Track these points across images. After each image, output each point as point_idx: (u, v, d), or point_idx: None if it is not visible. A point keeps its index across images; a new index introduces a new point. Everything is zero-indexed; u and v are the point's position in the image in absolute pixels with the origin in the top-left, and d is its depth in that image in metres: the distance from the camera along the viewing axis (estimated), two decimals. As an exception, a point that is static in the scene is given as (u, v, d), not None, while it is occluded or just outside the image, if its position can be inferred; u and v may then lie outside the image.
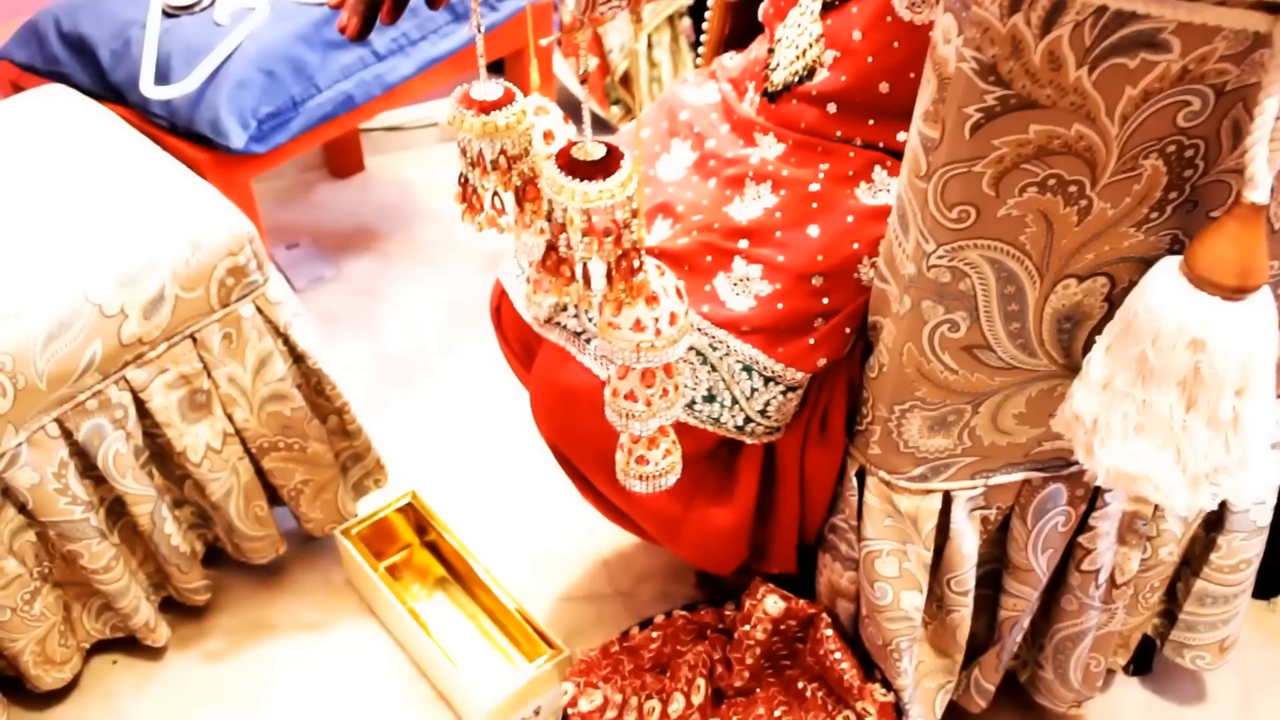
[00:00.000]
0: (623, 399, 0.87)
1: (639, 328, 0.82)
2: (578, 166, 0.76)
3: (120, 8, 1.66)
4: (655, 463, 0.93)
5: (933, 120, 0.79)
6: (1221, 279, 0.78)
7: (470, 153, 0.88)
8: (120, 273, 1.24)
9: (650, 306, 0.82)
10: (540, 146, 0.89)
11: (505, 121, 0.85)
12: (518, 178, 0.90)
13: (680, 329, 0.83)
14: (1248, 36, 0.71)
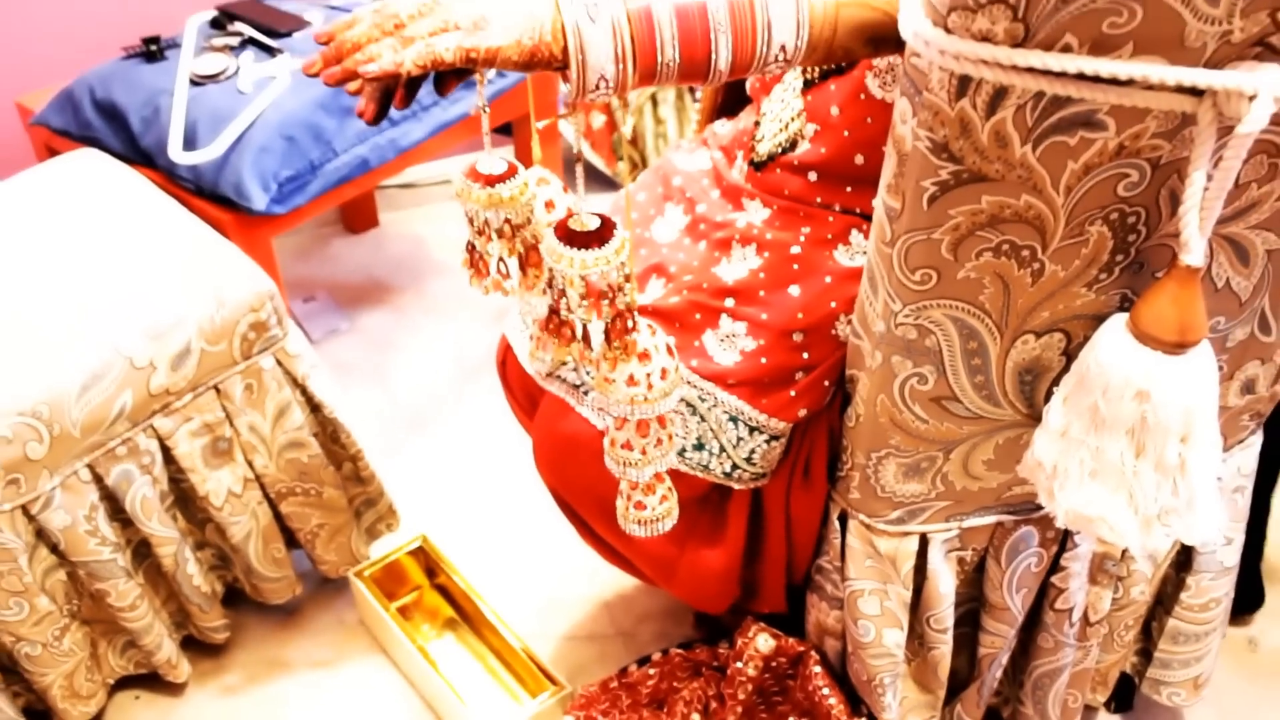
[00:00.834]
0: (620, 448, 0.94)
1: (633, 383, 0.89)
2: (575, 236, 0.83)
3: (150, 77, 1.75)
4: (652, 508, 0.99)
5: (894, 192, 0.86)
6: (1163, 335, 0.85)
7: (477, 222, 0.95)
8: (150, 327, 1.32)
9: (642, 363, 0.88)
10: (541, 215, 0.96)
11: (509, 194, 0.92)
12: (520, 244, 0.97)
13: (671, 383, 0.90)
14: (1176, 116, 0.79)
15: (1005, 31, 0.72)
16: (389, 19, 0.82)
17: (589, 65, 0.81)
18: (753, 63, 0.86)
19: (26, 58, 2.12)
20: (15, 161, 2.06)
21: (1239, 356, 1.05)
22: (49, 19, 2.15)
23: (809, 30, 0.85)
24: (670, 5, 0.82)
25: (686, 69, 0.85)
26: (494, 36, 0.80)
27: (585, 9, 0.80)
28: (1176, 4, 0.71)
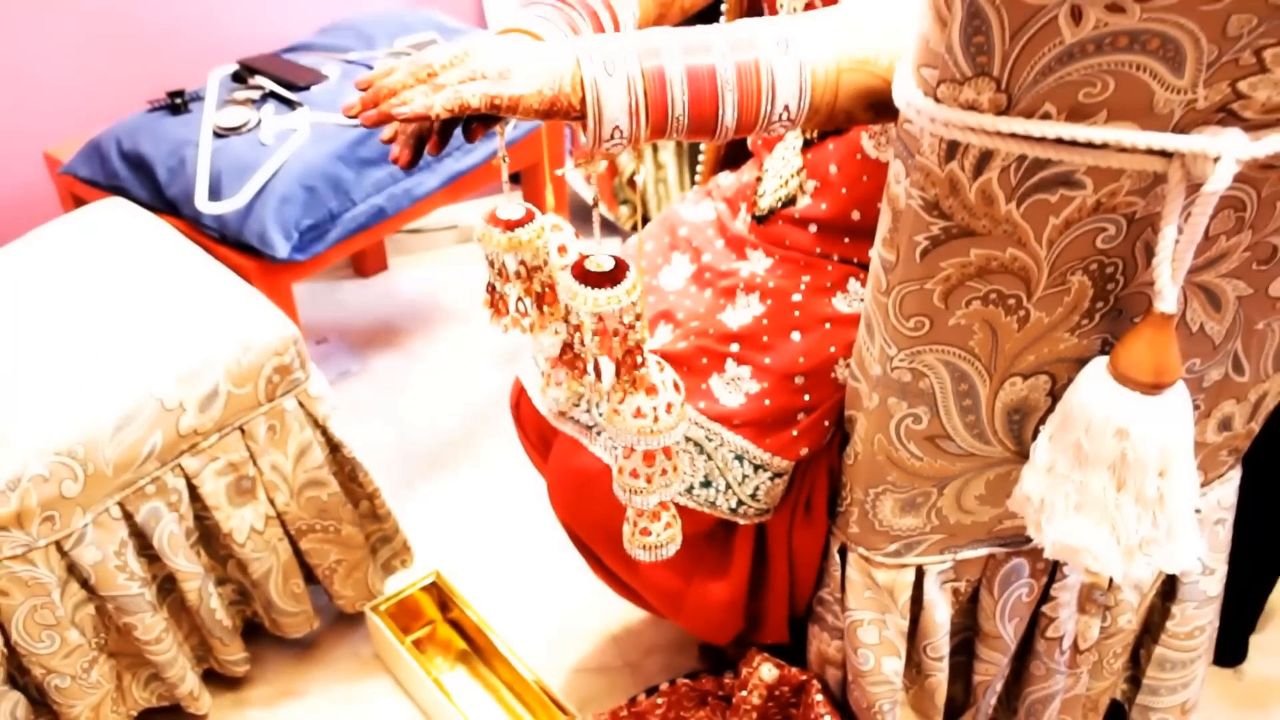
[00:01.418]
0: (628, 476, 1.00)
1: (639, 415, 0.94)
2: (590, 276, 0.89)
3: (175, 129, 1.81)
4: (657, 534, 1.05)
5: (890, 245, 0.93)
6: (1140, 377, 0.91)
7: (496, 264, 1.01)
8: (180, 371, 1.37)
9: (650, 396, 0.94)
10: (555, 259, 1.02)
11: (527, 237, 0.99)
12: (538, 285, 1.03)
13: (676, 417, 0.95)
14: (1149, 175, 0.85)
15: (990, 101, 0.79)
16: (423, 68, 0.88)
17: (604, 118, 0.87)
18: (758, 122, 0.91)
19: (54, 109, 2.19)
20: (42, 210, 2.12)
21: (1215, 396, 1.11)
22: (75, 72, 2.22)
23: (811, 94, 0.91)
24: (682, 65, 0.88)
25: (695, 125, 0.90)
26: (517, 86, 0.85)
27: (603, 65, 0.86)
28: (1145, 76, 0.77)
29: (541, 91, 0.86)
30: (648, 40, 0.88)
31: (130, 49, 2.26)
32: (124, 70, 2.23)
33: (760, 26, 0.91)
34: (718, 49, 0.89)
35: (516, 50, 0.87)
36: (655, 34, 0.89)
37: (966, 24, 0.74)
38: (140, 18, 2.26)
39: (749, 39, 0.90)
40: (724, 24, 0.91)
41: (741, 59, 0.89)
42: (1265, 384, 1.13)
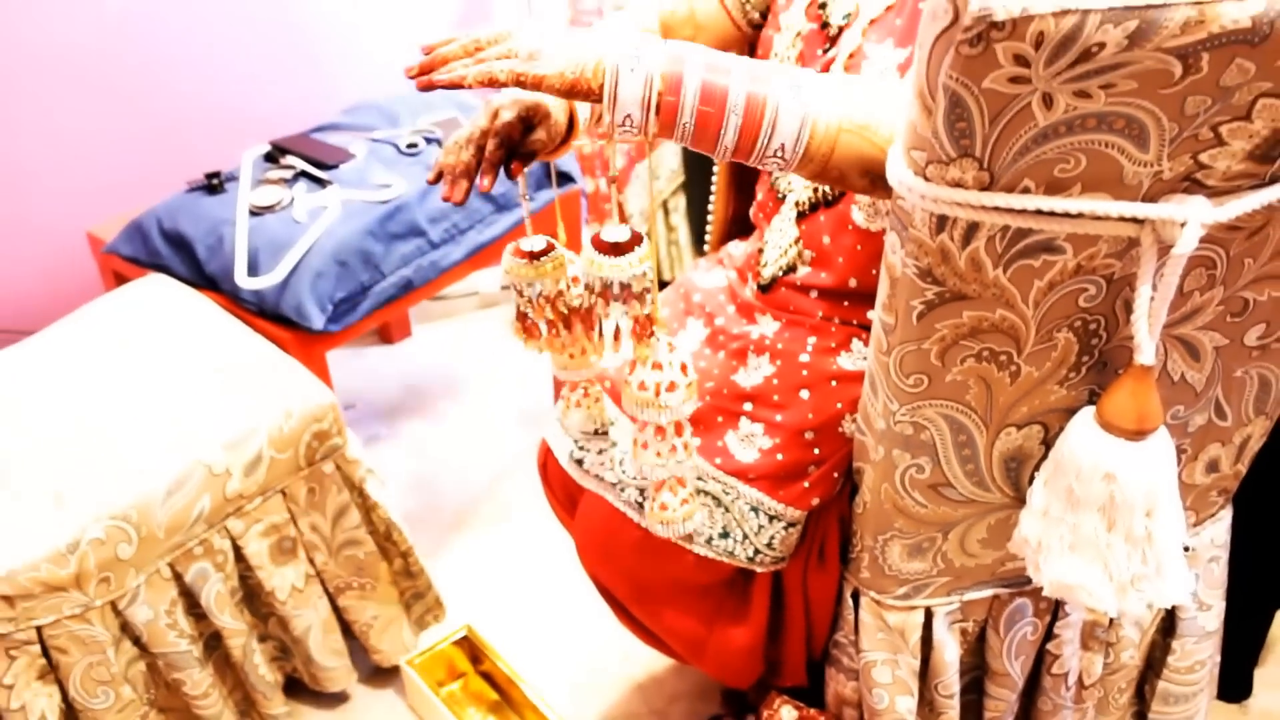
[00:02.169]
0: (640, 448, 1.10)
1: (643, 388, 1.04)
2: (606, 246, 1.00)
3: (213, 208, 1.90)
4: (673, 509, 1.13)
5: (889, 309, 1.00)
6: (1124, 424, 0.97)
7: (524, 292, 1.13)
8: (226, 438, 1.45)
9: (655, 371, 1.04)
10: (570, 294, 1.14)
11: (548, 266, 1.11)
12: (551, 311, 1.14)
13: (678, 396, 1.05)
14: (1123, 240, 0.92)
15: (974, 179, 0.86)
16: (472, 43, 0.97)
17: (619, 104, 0.94)
18: (753, 152, 0.98)
19: (95, 191, 2.28)
20: (86, 287, 2.21)
21: (1200, 440, 1.17)
22: (115, 155, 2.31)
23: (808, 141, 0.97)
24: (700, 78, 0.95)
25: (699, 137, 0.97)
26: (542, 67, 0.94)
27: (627, 57, 0.94)
28: (1113, 152, 0.85)
29: (564, 74, 0.93)
30: (678, 48, 0.96)
31: (167, 131, 2.36)
32: (162, 152, 2.32)
33: (781, 68, 0.99)
34: (737, 74, 0.96)
35: (553, 36, 0.96)
36: (687, 46, 0.97)
37: (949, 112, 0.82)
38: (176, 101, 2.36)
39: (766, 75, 0.97)
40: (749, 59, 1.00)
41: (754, 90, 0.96)
42: (1248, 428, 1.19)
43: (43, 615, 1.32)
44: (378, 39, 2.65)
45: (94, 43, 2.22)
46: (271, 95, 2.46)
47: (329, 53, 2.57)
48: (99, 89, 2.26)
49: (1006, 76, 0.79)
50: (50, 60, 2.19)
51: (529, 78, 0.94)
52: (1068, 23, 0.76)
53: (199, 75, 2.38)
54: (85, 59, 2.22)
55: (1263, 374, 1.13)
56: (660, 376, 1.04)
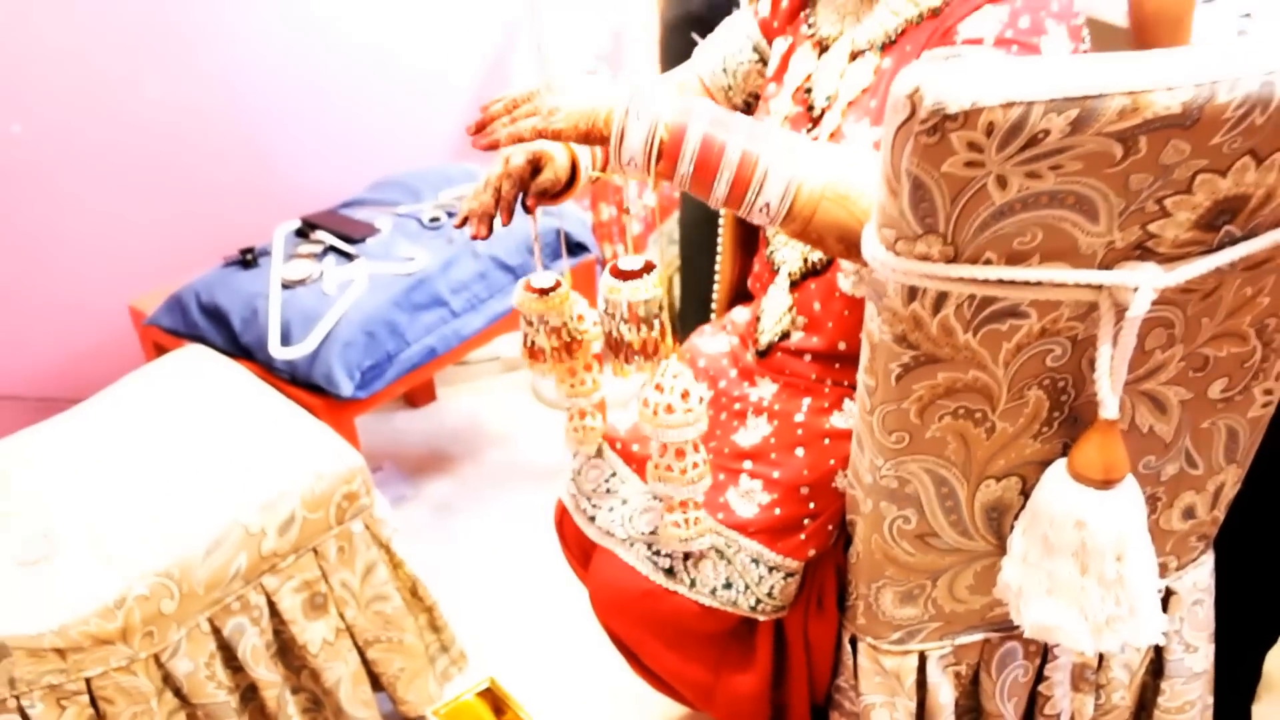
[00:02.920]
0: (653, 466, 1.22)
1: (646, 405, 1.16)
2: (622, 274, 1.12)
3: (248, 282, 2.00)
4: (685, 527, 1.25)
5: (870, 372, 1.07)
6: (1093, 475, 1.04)
7: (535, 322, 1.28)
8: (261, 499, 1.53)
9: (658, 393, 1.15)
10: (574, 324, 1.28)
11: (555, 299, 1.26)
12: (556, 339, 1.29)
13: (676, 420, 1.15)
14: (1083, 304, 0.99)
15: (940, 252, 0.93)
16: (511, 102, 1.10)
17: (624, 149, 1.06)
18: (742, 205, 1.08)
19: (136, 267, 2.38)
20: (128, 357, 2.30)
21: (1174, 488, 1.23)
22: (154, 232, 2.42)
23: (791, 203, 1.06)
24: (701, 132, 1.05)
25: (695, 185, 1.07)
26: (559, 121, 1.06)
27: (635, 108, 1.05)
28: (1067, 225, 0.92)
29: (577, 125, 1.06)
30: (686, 101, 1.07)
31: (203, 209, 2.46)
32: (198, 229, 2.43)
33: (781, 132, 1.08)
34: (736, 132, 1.06)
35: (574, 90, 1.08)
36: (696, 100, 1.08)
37: (913, 194, 0.89)
38: (211, 180, 2.47)
39: (765, 135, 1.06)
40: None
41: (749, 149, 1.05)
42: (1220, 476, 1.25)
43: (91, 667, 1.39)
44: (401, 117, 2.76)
45: (134, 127, 2.33)
46: (302, 173, 2.57)
47: (356, 131, 2.68)
48: (139, 171, 2.37)
49: (962, 161, 0.86)
50: (94, 143, 2.30)
51: (549, 131, 1.06)
52: (1014, 113, 0.83)
53: (233, 155, 2.49)
54: (127, 142, 2.33)
55: (1229, 425, 1.19)
56: (662, 399, 1.15)
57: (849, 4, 1.28)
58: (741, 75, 1.43)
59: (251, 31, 2.44)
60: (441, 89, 2.79)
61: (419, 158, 2.68)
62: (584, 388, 1.36)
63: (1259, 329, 1.10)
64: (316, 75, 2.56)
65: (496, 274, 2.05)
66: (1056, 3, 1.10)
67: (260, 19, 2.44)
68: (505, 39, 2.84)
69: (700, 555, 1.29)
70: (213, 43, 2.40)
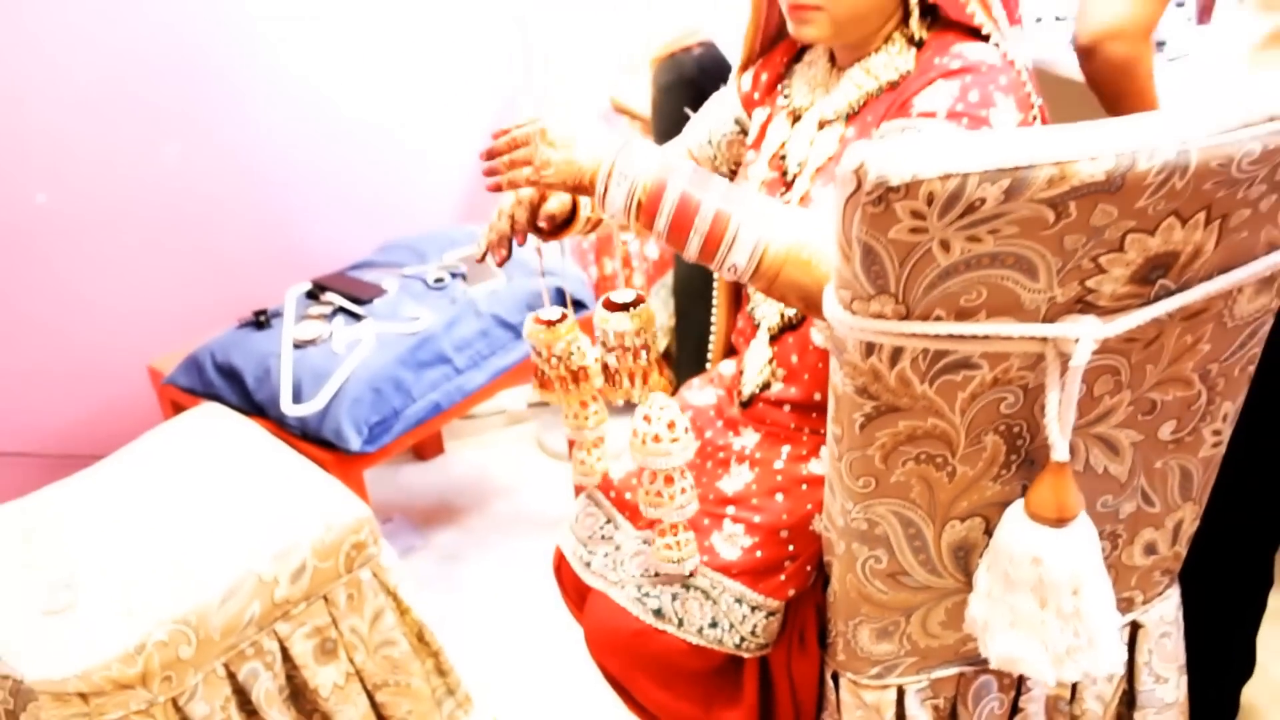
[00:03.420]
0: (643, 494, 1.31)
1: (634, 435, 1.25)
2: (613, 306, 1.22)
3: (261, 343, 2.08)
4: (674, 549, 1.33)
5: (836, 422, 1.14)
6: (1047, 514, 1.10)
7: (543, 352, 1.38)
8: (274, 549, 1.60)
9: (645, 423, 1.24)
10: (577, 355, 1.39)
11: (562, 330, 1.38)
12: (564, 368, 1.39)
13: (662, 448, 1.24)
14: (1031, 355, 1.06)
15: (892, 311, 1.01)
16: (511, 142, 1.21)
17: (607, 206, 1.17)
18: (712, 262, 1.17)
19: (154, 329, 2.47)
20: (145, 414, 2.38)
21: (1133, 525, 1.29)
22: (171, 295, 2.50)
23: (757, 264, 1.14)
24: (679, 192, 1.14)
25: (671, 241, 1.17)
26: (550, 177, 1.18)
27: (618, 169, 1.15)
28: (1009, 284, 0.99)
29: (565, 182, 1.18)
30: (669, 161, 1.16)
31: (218, 272, 2.55)
32: (214, 292, 2.51)
33: (755, 194, 1.17)
34: (712, 192, 1.15)
35: (567, 140, 1.18)
36: (679, 161, 1.17)
37: (864, 259, 0.97)
38: (226, 245, 2.56)
39: (738, 197, 1.15)
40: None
41: (722, 209, 1.14)
42: (1178, 513, 1.31)
43: (113, 711, 1.45)
44: (407, 183, 2.85)
45: (153, 196, 2.42)
46: (312, 237, 2.66)
47: (364, 196, 2.77)
48: (157, 237, 2.46)
49: (907, 228, 0.94)
50: (115, 212, 2.39)
51: (540, 184, 1.18)
52: (952, 184, 0.91)
53: (247, 221, 2.58)
54: (145, 210, 2.43)
55: (1182, 465, 1.25)
56: (649, 429, 1.24)
57: (819, 77, 1.36)
58: (725, 145, 1.52)
59: (265, 103, 2.54)
60: (445, 155, 2.89)
61: (425, 219, 2.78)
62: (588, 421, 1.46)
63: (1202, 374, 1.17)
64: (326, 144, 2.66)
65: (498, 332, 2.14)
66: (1004, 77, 1.19)
67: (273, 92, 2.55)
68: (504, 107, 2.94)
69: (687, 595, 1.36)
70: (228, 114, 2.50)
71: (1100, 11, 1.44)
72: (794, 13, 1.26)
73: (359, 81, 2.68)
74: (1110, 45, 1.43)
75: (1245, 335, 1.16)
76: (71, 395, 2.46)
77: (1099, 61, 1.46)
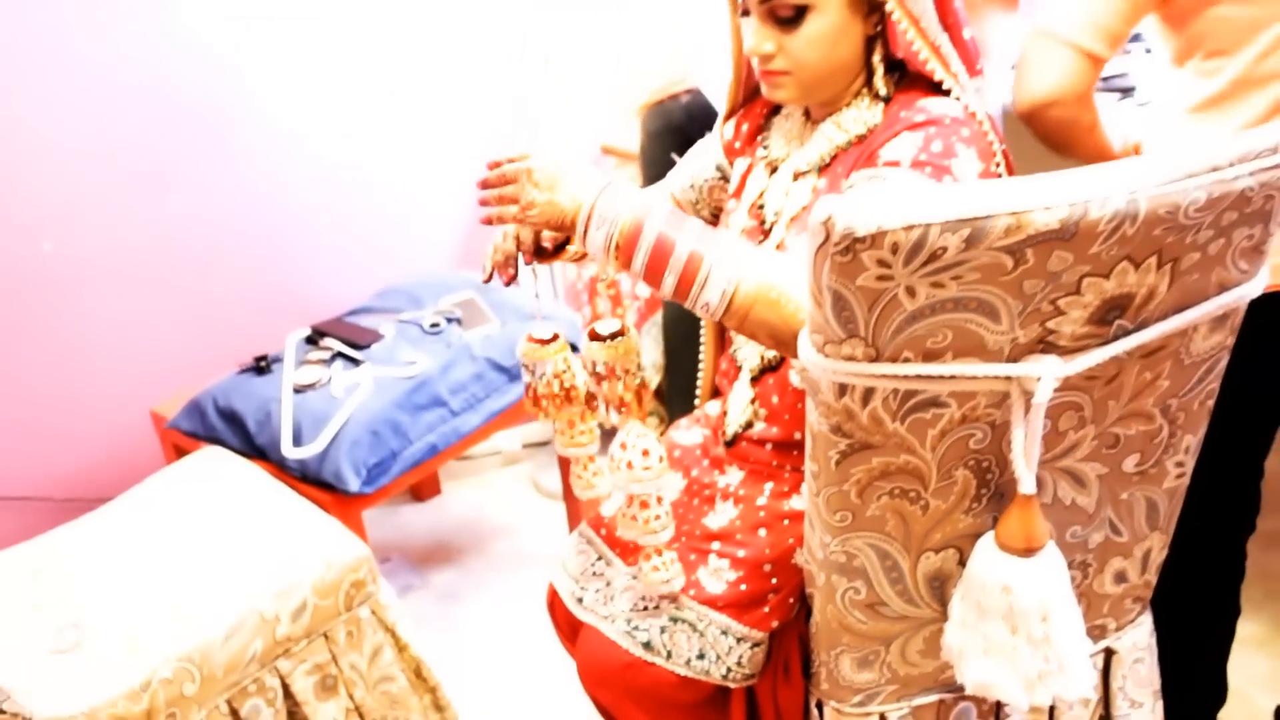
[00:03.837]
0: (624, 517, 1.37)
1: (612, 460, 1.32)
2: (596, 336, 1.27)
3: (262, 388, 2.13)
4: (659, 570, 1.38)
5: (813, 459, 1.18)
6: (1015, 545, 1.14)
7: (535, 370, 1.43)
8: (275, 588, 1.63)
9: (622, 450, 1.31)
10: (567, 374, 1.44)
11: (553, 348, 1.42)
12: (558, 386, 1.44)
13: (636, 474, 1.30)
14: (998, 393, 1.11)
15: (863, 353, 1.05)
16: (501, 177, 1.29)
17: (588, 246, 1.24)
18: (686, 301, 1.23)
19: (157, 374, 2.51)
20: (149, 458, 2.42)
21: (1103, 554, 1.34)
22: (173, 340, 2.54)
23: (728, 303, 1.20)
24: (655, 233, 1.20)
25: (647, 280, 1.23)
26: (534, 217, 1.25)
27: (597, 211, 1.22)
28: (973, 326, 1.04)
29: (549, 222, 1.25)
30: (647, 202, 1.23)
31: (219, 318, 2.60)
32: (216, 338, 2.55)
33: (728, 236, 1.23)
34: (687, 233, 1.21)
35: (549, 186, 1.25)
36: (657, 203, 1.24)
37: (835, 305, 1.02)
38: (227, 292, 2.61)
39: (712, 238, 1.21)
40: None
41: (696, 250, 1.20)
42: (1145, 542, 1.35)
43: (119, 748, 1.49)
44: (404, 229, 2.91)
45: (155, 245, 2.47)
46: (312, 283, 2.71)
47: (362, 243, 2.82)
48: (159, 285, 2.51)
49: (874, 276, 0.99)
50: (118, 261, 2.44)
51: (529, 222, 1.25)
52: (914, 234, 0.96)
53: (247, 269, 2.63)
54: (148, 259, 2.47)
55: (1147, 496, 1.30)
56: (626, 455, 1.30)
57: (794, 130, 1.42)
58: (706, 190, 1.58)
59: (263, 155, 2.60)
60: (438, 203, 2.94)
61: (421, 264, 2.83)
62: (579, 439, 1.50)
63: (1163, 409, 1.22)
64: (323, 194, 2.72)
65: (492, 375, 2.18)
66: (966, 129, 1.24)
67: (271, 145, 2.61)
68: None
69: (675, 628, 1.40)
70: (227, 166, 2.55)
71: (1032, 84, 1.51)
72: (765, 77, 1.33)
73: (353, 134, 2.74)
74: (1046, 113, 1.51)
75: (1203, 371, 1.21)
76: (77, 440, 2.50)
77: (1039, 126, 1.53)
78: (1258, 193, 1.05)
